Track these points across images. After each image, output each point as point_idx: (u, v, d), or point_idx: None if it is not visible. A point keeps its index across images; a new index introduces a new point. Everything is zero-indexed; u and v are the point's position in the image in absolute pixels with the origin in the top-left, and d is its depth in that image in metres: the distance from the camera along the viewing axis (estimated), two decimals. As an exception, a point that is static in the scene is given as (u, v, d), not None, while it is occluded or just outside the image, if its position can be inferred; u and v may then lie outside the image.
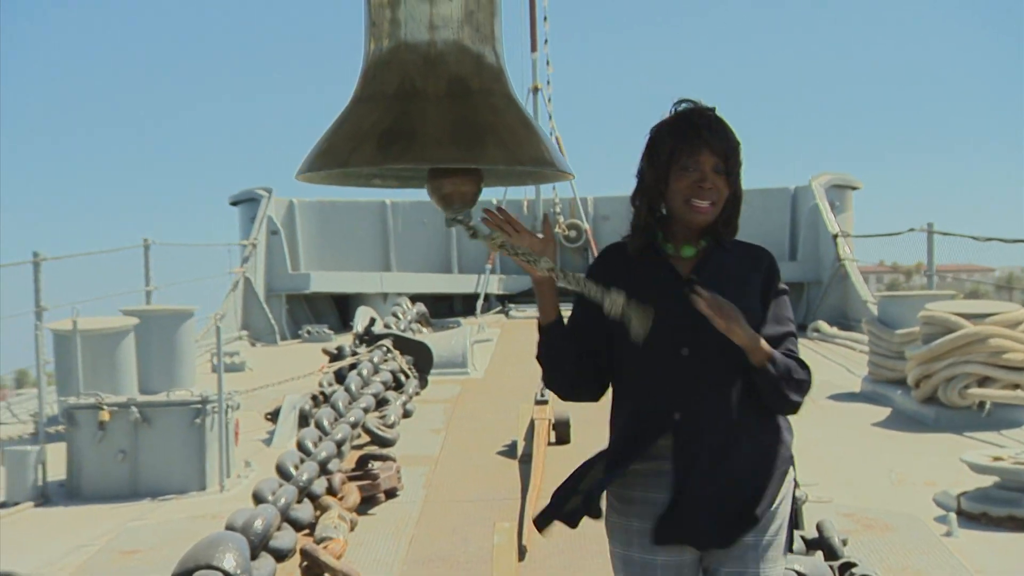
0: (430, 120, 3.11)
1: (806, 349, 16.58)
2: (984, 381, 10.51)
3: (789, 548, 3.27)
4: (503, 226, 3.10)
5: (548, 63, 22.15)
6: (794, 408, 3.18)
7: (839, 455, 9.62)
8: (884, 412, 11.56)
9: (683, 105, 3.15)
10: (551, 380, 3.23)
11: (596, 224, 22.49)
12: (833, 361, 15.41)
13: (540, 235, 3.11)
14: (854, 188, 22.18)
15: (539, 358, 3.19)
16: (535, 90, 22.80)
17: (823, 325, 18.35)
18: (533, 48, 22.64)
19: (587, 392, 3.23)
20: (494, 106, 3.19)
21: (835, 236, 19.77)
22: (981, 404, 10.53)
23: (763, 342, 3.06)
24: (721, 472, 3.07)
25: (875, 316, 13.48)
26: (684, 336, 3.06)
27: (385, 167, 3.21)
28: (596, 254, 14.22)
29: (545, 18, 22.13)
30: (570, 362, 3.16)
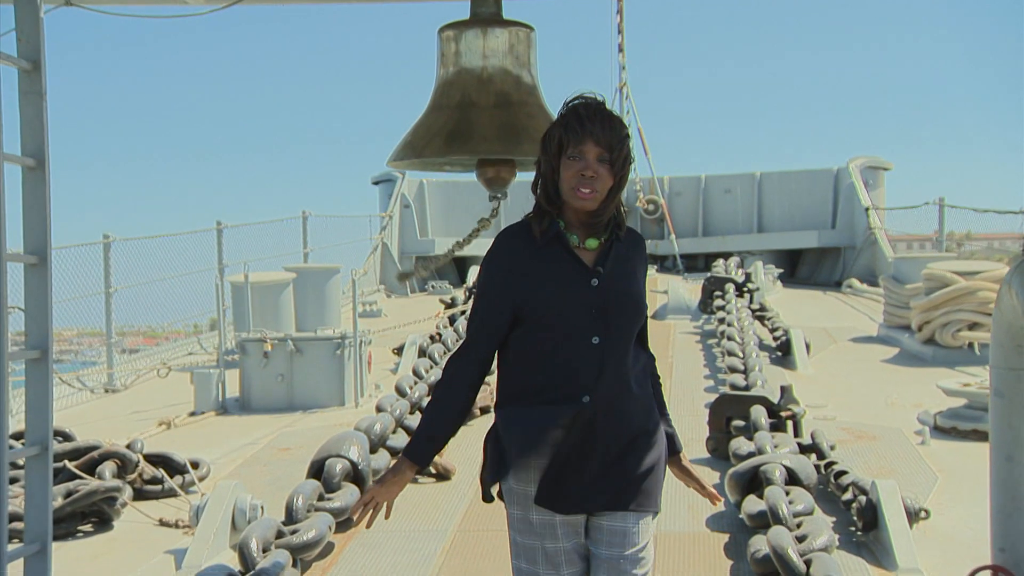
0: (482, 124, 3.61)
1: (839, 303, 16.82)
2: (973, 326, 10.72)
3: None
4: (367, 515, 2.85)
5: (624, 67, 22.36)
6: None
7: (850, 384, 9.93)
8: (893, 351, 11.79)
9: (575, 101, 2.85)
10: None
11: (671, 199, 22.65)
12: (858, 311, 15.56)
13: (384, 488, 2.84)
14: (886, 169, 22.27)
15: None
16: (620, 89, 23.04)
17: (855, 282, 18.50)
18: (620, 50, 22.87)
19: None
20: (529, 113, 3.67)
21: (867, 209, 19.94)
22: (970, 344, 10.73)
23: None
24: (624, 445, 2.81)
25: (891, 274, 13.62)
26: (595, 325, 2.77)
27: (450, 157, 3.69)
28: (671, 224, 14.33)
29: (621, 32, 22.30)
30: (462, 420, 2.92)
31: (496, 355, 2.90)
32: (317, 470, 5.67)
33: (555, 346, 2.77)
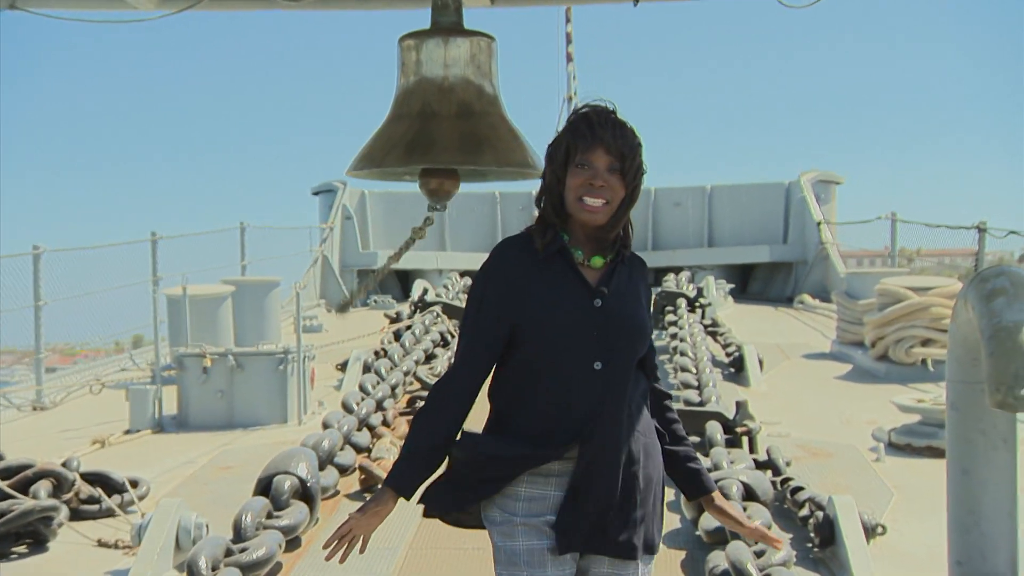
0: (444, 133, 3.71)
1: (791, 319, 17.08)
2: (927, 342, 11.00)
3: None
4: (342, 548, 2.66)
5: (574, 77, 22.63)
6: None
7: (802, 401, 10.15)
8: (846, 368, 12.05)
9: (584, 108, 2.75)
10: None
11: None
12: (811, 327, 15.84)
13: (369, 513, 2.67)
14: (837, 183, 22.72)
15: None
16: (569, 99, 23.28)
17: (807, 298, 18.83)
18: (569, 60, 23.17)
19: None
20: (491, 124, 3.78)
21: (819, 223, 20.29)
22: (924, 361, 11.02)
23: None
24: (627, 482, 2.67)
25: (844, 289, 13.91)
26: (597, 349, 2.65)
27: (410, 167, 3.78)
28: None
29: (569, 41, 22.61)
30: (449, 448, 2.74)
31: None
32: (264, 487, 5.71)
33: (554, 371, 2.65)
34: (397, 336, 12.05)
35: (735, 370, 11.37)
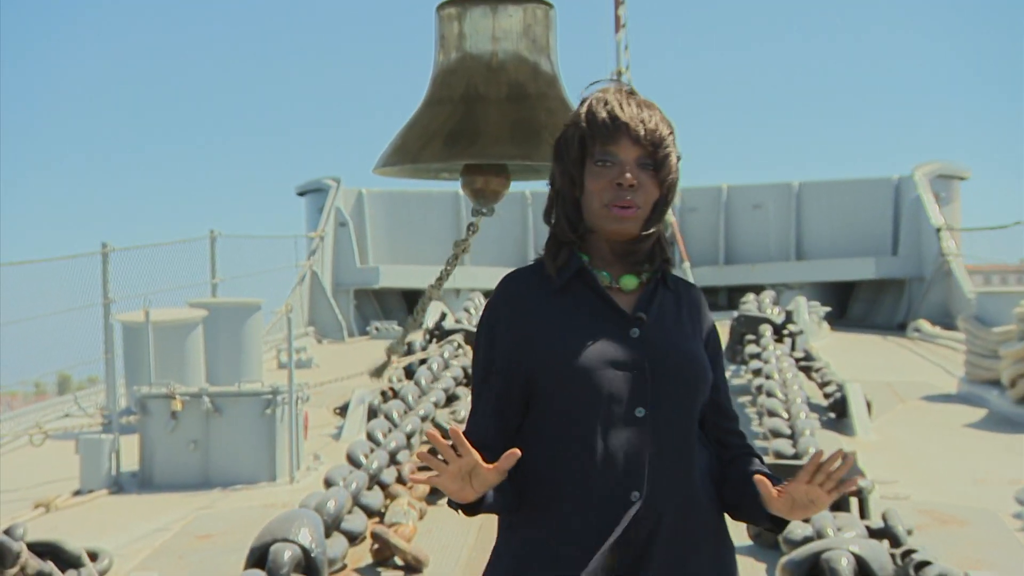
0: (492, 121, 3.84)
1: (905, 351, 17.13)
2: (1082, 380, 11.04)
3: None
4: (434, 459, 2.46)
5: (626, 48, 22.73)
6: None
7: (924, 454, 10.20)
8: (979, 413, 12.08)
9: (593, 88, 2.72)
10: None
11: (683, 216, 22.87)
12: (931, 362, 15.90)
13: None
14: (962, 178, 22.66)
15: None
16: (618, 74, 23.38)
17: (924, 324, 18.82)
18: (619, 27, 23.30)
19: None
20: (549, 108, 3.91)
21: (938, 230, 20.27)
22: (1078, 404, 11.06)
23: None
24: (690, 565, 2.61)
25: (973, 313, 13.93)
26: (639, 391, 2.55)
27: (451, 163, 3.91)
28: (684, 249, 14.46)
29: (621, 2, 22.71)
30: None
31: None
32: (259, 559, 5.82)
33: (585, 423, 2.56)
34: (409, 373, 12.15)
35: (836, 415, 11.41)
